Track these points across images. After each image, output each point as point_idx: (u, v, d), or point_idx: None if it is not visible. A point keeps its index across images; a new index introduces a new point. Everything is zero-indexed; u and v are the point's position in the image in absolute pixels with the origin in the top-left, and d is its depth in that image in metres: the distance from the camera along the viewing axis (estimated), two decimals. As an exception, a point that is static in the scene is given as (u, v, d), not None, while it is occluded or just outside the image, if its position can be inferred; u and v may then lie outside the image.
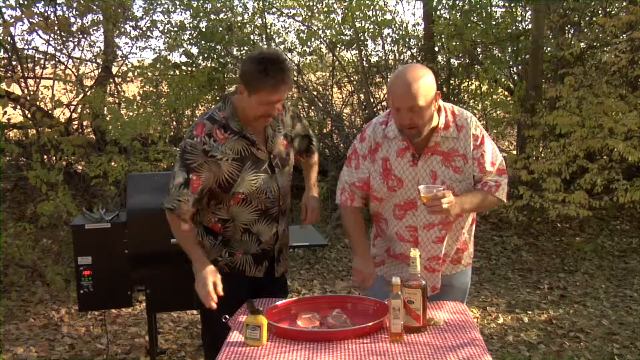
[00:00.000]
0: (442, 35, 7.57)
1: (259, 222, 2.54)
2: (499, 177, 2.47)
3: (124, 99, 7.07)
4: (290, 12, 8.04)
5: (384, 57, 8.02)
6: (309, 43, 8.05)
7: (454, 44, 7.28)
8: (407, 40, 8.03)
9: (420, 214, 2.43)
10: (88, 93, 6.60)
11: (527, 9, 7.75)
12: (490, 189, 2.44)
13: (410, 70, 2.31)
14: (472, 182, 2.45)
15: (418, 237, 2.46)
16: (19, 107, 6.52)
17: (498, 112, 8.09)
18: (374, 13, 7.85)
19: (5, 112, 6.16)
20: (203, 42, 7.39)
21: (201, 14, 7.42)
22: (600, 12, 7.50)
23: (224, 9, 7.67)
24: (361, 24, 7.79)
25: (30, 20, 6.26)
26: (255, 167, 2.48)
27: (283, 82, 2.34)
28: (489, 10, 7.69)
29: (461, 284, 2.63)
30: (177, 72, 7.39)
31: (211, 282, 2.33)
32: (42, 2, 6.54)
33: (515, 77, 7.90)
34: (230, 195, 2.47)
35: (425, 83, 2.26)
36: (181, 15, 9.81)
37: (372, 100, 7.90)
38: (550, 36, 7.33)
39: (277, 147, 2.56)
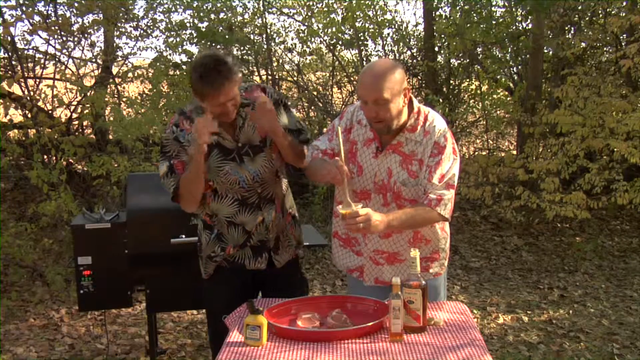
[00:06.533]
0: (443, 35, 7.57)
1: (240, 213, 2.60)
2: (443, 190, 2.38)
3: (125, 99, 7.06)
4: (290, 12, 8.05)
5: (384, 57, 8.02)
6: (308, 43, 8.05)
7: (455, 43, 7.28)
8: (407, 40, 8.03)
9: (372, 206, 2.41)
10: (89, 93, 6.59)
11: (527, 8, 7.74)
12: (430, 202, 2.36)
13: (378, 64, 2.41)
14: (422, 189, 2.41)
15: None
16: (19, 107, 6.52)
17: (498, 112, 8.09)
18: (374, 13, 7.85)
19: (7, 114, 6.16)
20: (203, 42, 7.39)
21: (202, 14, 7.43)
22: (600, 12, 7.50)
23: (224, 9, 7.67)
24: (361, 24, 7.79)
25: (31, 20, 6.26)
26: (222, 155, 2.55)
27: (222, 84, 2.34)
28: (490, 10, 7.68)
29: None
30: (177, 72, 7.39)
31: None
32: (42, 2, 6.54)
33: (515, 77, 7.89)
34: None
35: (391, 76, 2.28)
36: (181, 15, 9.80)
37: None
38: (551, 36, 7.32)
39: (246, 136, 2.57)
